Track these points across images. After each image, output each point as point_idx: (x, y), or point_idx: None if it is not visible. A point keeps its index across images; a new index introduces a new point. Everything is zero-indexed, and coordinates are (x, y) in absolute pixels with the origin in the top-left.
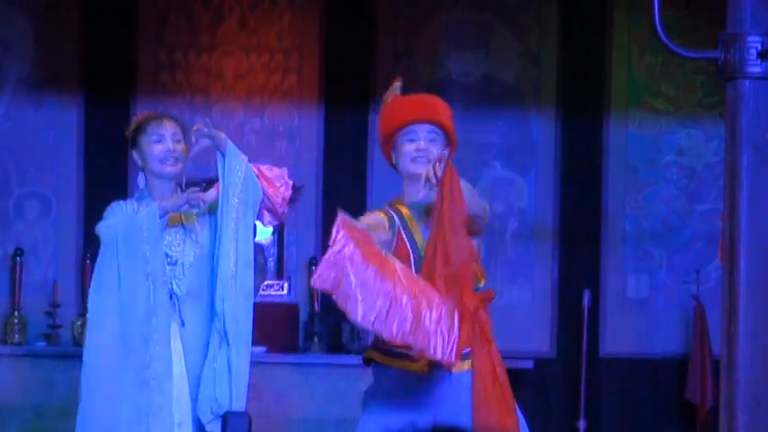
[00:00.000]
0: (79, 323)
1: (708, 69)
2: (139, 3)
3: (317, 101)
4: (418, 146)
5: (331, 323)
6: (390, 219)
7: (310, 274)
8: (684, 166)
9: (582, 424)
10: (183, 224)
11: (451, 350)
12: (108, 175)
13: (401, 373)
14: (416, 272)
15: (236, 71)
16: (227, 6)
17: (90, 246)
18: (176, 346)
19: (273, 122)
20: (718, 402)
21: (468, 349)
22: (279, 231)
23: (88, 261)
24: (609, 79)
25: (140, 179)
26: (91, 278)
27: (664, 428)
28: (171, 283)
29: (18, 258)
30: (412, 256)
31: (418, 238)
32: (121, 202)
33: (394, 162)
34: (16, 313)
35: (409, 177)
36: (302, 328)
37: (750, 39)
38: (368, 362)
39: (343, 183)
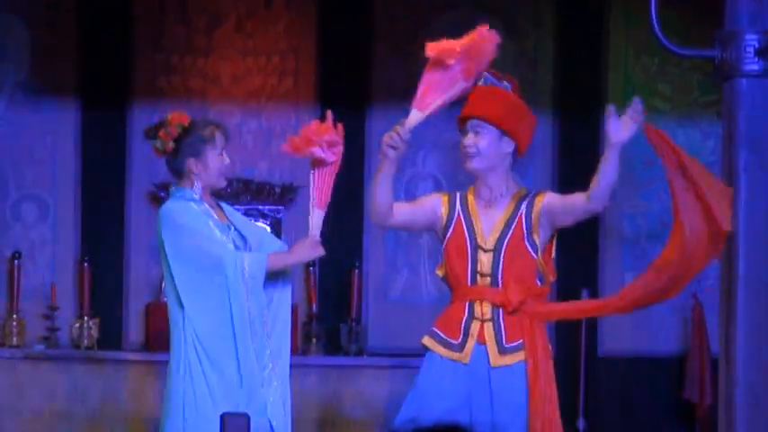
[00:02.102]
0: (77, 325)
1: (705, 68)
2: (136, 7)
3: (314, 103)
4: (463, 141)
5: (329, 325)
6: (451, 199)
7: (308, 275)
8: None
9: (581, 423)
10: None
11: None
12: (105, 179)
13: (444, 361)
14: (471, 258)
15: (232, 74)
16: (224, 10)
17: (87, 248)
18: None
19: (270, 125)
20: (716, 401)
21: (512, 343)
22: (276, 232)
23: (86, 264)
24: (605, 78)
25: (197, 188)
26: (89, 281)
27: (663, 427)
28: None
29: (16, 261)
30: (468, 245)
31: (478, 230)
32: (190, 206)
33: None
34: (14, 316)
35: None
36: (300, 329)
37: (747, 37)
38: (425, 347)
39: (341, 184)
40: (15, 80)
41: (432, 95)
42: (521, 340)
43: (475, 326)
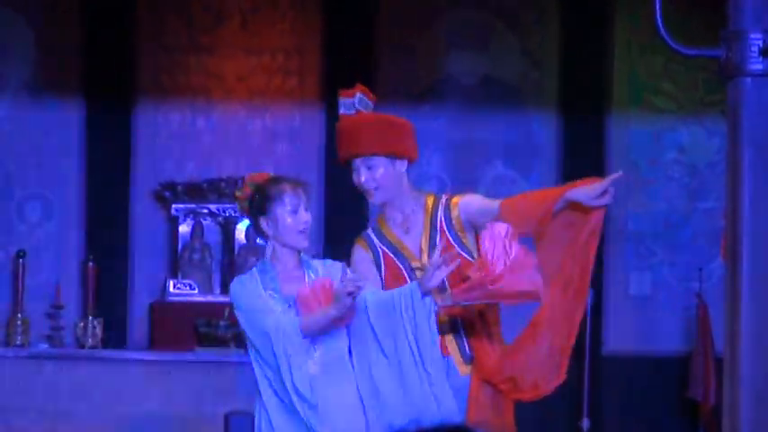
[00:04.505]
0: (81, 325)
1: (709, 66)
2: (139, 5)
3: (318, 102)
4: (359, 179)
5: None
6: (368, 242)
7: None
8: (686, 164)
9: (585, 422)
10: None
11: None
12: (110, 178)
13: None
14: (410, 279)
15: (237, 73)
16: (228, 8)
17: (92, 248)
18: None
19: (275, 124)
20: (720, 400)
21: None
22: None
23: (91, 263)
24: (610, 78)
25: (269, 249)
26: (94, 280)
27: (667, 426)
28: None
29: (20, 260)
30: (403, 269)
31: (408, 253)
32: (247, 282)
33: None
34: (19, 315)
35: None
36: None
37: (752, 36)
38: None
39: (345, 184)
40: (19, 79)
41: (461, 299)
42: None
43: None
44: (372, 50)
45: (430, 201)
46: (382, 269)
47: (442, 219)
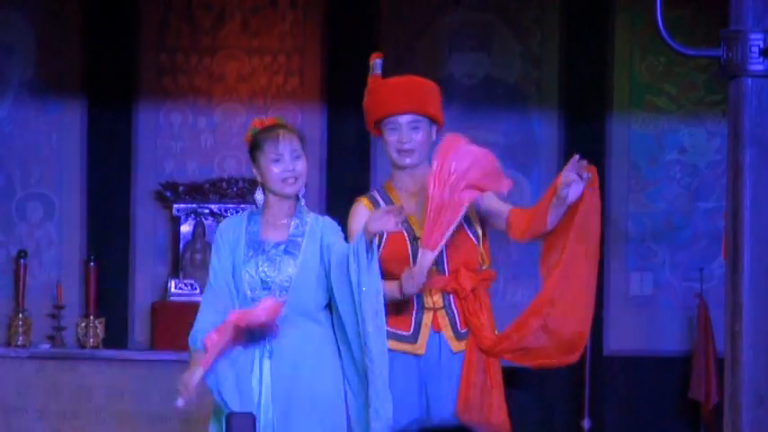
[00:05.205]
0: (83, 325)
1: (710, 67)
2: (141, 6)
3: (320, 102)
4: (400, 137)
5: None
6: (373, 203)
7: None
8: (687, 165)
9: (586, 423)
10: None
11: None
12: (111, 177)
13: (398, 355)
14: (412, 251)
15: (238, 73)
16: (229, 9)
17: (93, 247)
18: None
19: None
20: (722, 400)
21: (464, 330)
22: None
23: (92, 263)
24: (611, 78)
25: (258, 195)
26: (95, 280)
27: (668, 427)
28: None
29: (22, 260)
30: (408, 238)
31: (413, 221)
32: (231, 222)
33: (383, 145)
34: (20, 315)
35: (397, 167)
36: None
37: (752, 36)
38: None
39: (346, 183)
40: (21, 79)
41: (439, 229)
42: (467, 328)
43: (427, 316)
44: (373, 50)
45: None
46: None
47: None
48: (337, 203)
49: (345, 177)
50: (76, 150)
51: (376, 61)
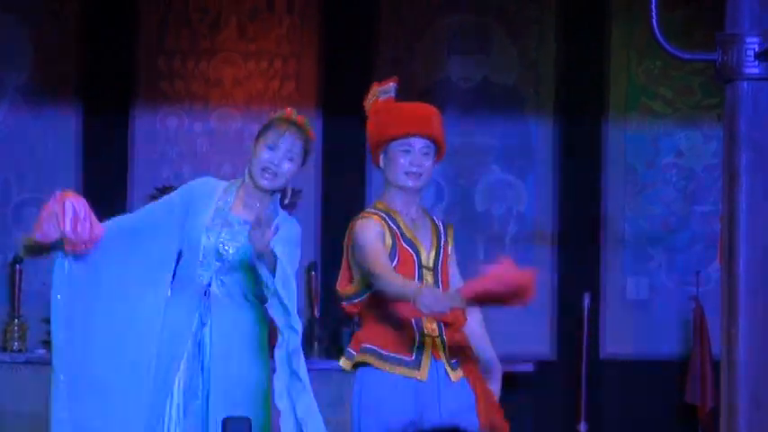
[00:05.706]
0: None
1: (706, 71)
2: (138, 11)
3: (316, 107)
4: (412, 161)
5: (331, 328)
6: (389, 226)
7: (310, 279)
8: (683, 168)
9: (583, 427)
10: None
11: None
12: (107, 183)
13: (400, 380)
14: (419, 279)
15: (234, 78)
16: (226, 13)
17: None
18: None
19: None
20: (718, 404)
21: (454, 360)
22: None
23: None
24: (607, 82)
25: (240, 177)
26: None
27: (664, 430)
28: None
29: (17, 266)
30: (416, 262)
31: (420, 248)
32: (207, 183)
33: (382, 166)
34: (16, 321)
35: (399, 188)
36: (302, 333)
37: (748, 40)
38: (356, 366)
39: (342, 188)
40: (17, 84)
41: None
42: (457, 358)
43: (428, 342)
44: (370, 54)
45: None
46: (396, 256)
47: (443, 235)
48: (332, 207)
49: (340, 181)
50: (72, 155)
51: (391, 85)
